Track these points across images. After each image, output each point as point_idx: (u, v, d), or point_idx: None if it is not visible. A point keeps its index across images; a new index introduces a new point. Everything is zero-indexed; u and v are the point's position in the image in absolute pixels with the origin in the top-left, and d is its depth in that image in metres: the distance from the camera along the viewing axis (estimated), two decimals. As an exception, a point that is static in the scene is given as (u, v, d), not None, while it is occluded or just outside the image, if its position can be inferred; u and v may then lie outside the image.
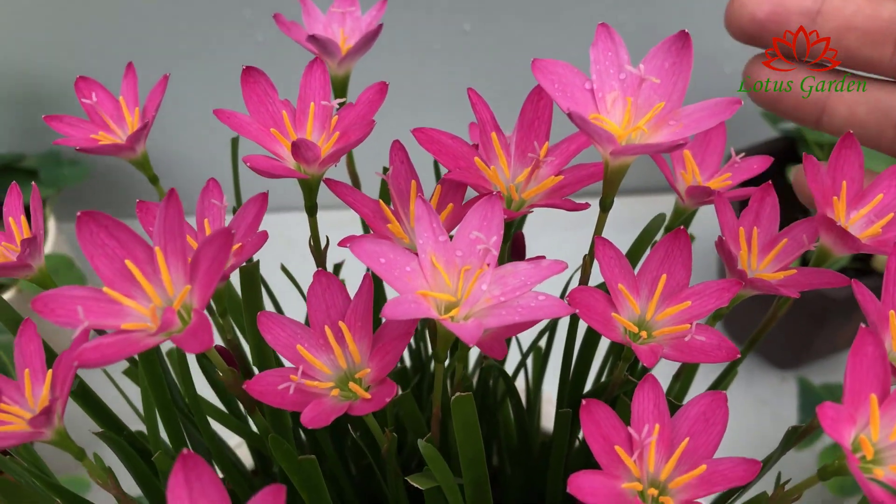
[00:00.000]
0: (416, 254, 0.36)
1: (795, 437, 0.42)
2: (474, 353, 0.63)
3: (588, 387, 0.52)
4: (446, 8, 1.04)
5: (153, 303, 0.35)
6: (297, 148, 0.37)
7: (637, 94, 0.36)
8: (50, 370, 0.40)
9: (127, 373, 0.55)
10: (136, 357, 0.45)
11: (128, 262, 0.34)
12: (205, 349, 0.31)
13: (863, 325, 0.31)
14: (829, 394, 0.99)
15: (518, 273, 0.35)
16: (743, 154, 0.45)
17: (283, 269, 0.54)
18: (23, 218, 0.46)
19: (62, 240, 1.07)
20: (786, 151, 1.06)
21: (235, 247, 0.40)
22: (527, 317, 0.34)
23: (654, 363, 0.35)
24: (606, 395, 0.45)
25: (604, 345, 0.52)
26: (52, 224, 1.05)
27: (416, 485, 0.39)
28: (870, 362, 0.31)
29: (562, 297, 0.51)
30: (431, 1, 1.02)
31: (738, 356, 0.35)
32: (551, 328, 0.56)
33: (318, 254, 0.45)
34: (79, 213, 0.34)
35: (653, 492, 0.34)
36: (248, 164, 0.37)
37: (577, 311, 0.35)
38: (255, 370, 0.48)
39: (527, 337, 0.58)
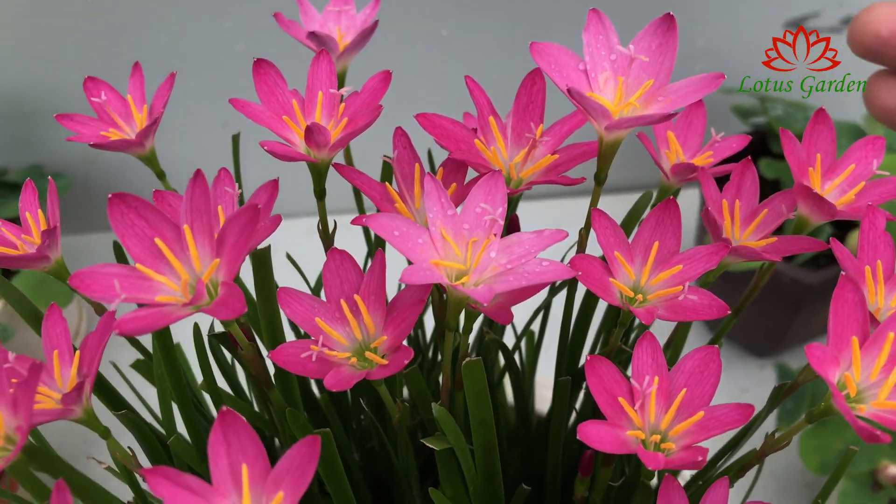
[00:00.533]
0: (427, 228, 0.38)
1: (781, 395, 0.44)
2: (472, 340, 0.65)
3: (583, 360, 0.54)
4: (427, 14, 1.07)
5: (182, 278, 0.37)
6: (310, 132, 0.40)
7: (627, 74, 0.39)
8: (77, 351, 0.42)
9: (134, 366, 0.57)
10: (154, 339, 0.46)
11: (157, 241, 0.36)
12: (237, 315, 0.33)
13: (843, 273, 0.34)
14: (809, 389, 1.03)
15: (522, 242, 0.38)
16: (722, 134, 0.48)
17: (289, 256, 0.56)
18: (39, 212, 0.48)
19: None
20: (757, 145, 1.09)
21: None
22: (533, 281, 0.37)
23: (650, 321, 0.38)
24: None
25: (596, 322, 0.54)
26: None
27: (430, 446, 0.42)
28: (850, 308, 0.34)
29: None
30: (412, 6, 1.05)
31: (729, 312, 0.38)
32: (545, 309, 0.59)
33: (326, 236, 0.47)
34: (110, 196, 0.36)
35: (655, 438, 0.37)
36: (266, 148, 0.40)
37: (578, 274, 0.38)
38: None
39: (520, 320, 0.61)
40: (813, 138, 0.44)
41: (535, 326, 0.64)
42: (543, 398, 0.69)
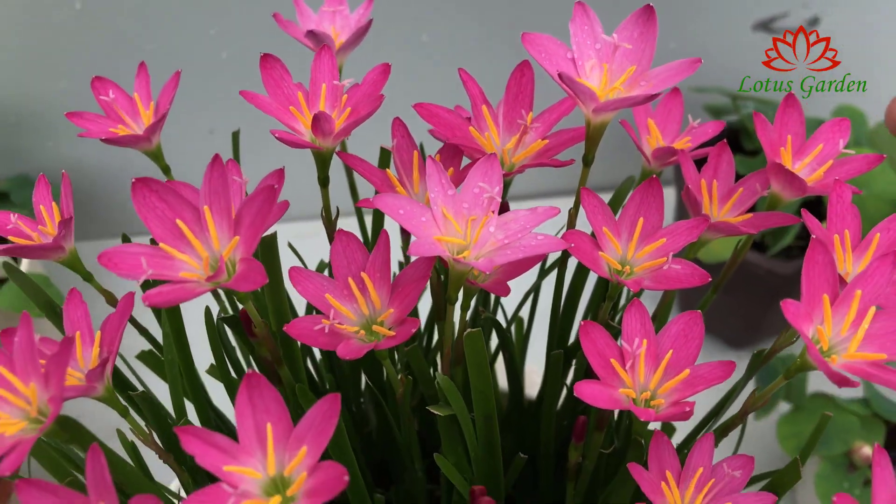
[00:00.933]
0: (428, 208, 0.41)
1: (760, 362, 0.48)
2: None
3: (572, 338, 0.57)
4: (408, 20, 1.10)
5: (202, 256, 0.39)
6: (317, 120, 0.43)
7: (611, 61, 0.42)
8: (98, 332, 0.44)
9: (140, 357, 0.59)
10: (166, 322, 0.49)
11: (178, 222, 0.39)
12: (258, 286, 0.36)
13: (814, 237, 0.37)
14: (782, 364, 1.06)
15: (518, 219, 0.41)
16: (699, 120, 0.52)
17: (291, 246, 0.58)
18: (53, 205, 0.51)
19: (37, 261, 1.10)
20: (729, 142, 1.13)
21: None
22: (529, 252, 0.39)
23: (637, 289, 0.41)
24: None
25: (583, 302, 0.57)
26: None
27: (436, 412, 0.44)
28: (820, 268, 0.37)
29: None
30: (393, 13, 1.08)
31: (710, 280, 0.41)
32: (535, 292, 0.62)
33: (329, 223, 0.50)
34: (133, 180, 0.39)
35: (645, 396, 0.40)
36: (276, 135, 0.42)
37: (571, 245, 0.41)
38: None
39: (510, 304, 0.64)
40: (784, 121, 0.47)
41: (525, 313, 0.67)
42: (533, 384, 0.72)
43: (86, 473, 0.36)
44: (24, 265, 1.05)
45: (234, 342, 0.57)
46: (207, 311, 0.50)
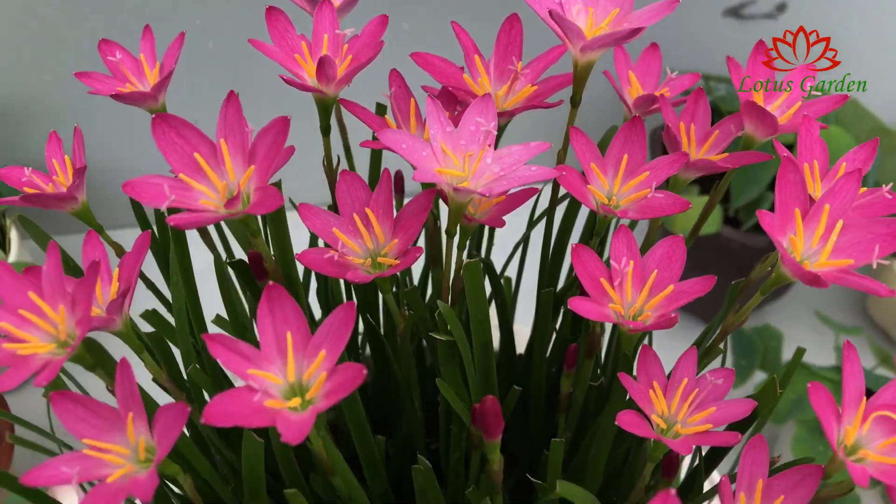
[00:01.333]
0: (428, 144, 0.44)
1: (737, 292, 0.51)
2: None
3: (561, 284, 0.60)
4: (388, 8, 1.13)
5: (219, 188, 0.42)
6: (322, 64, 0.45)
7: (596, 5, 0.45)
8: (116, 270, 0.47)
9: (144, 316, 0.62)
10: (175, 263, 0.51)
11: (196, 156, 0.42)
12: (276, 208, 0.39)
13: (785, 155, 0.41)
14: (758, 335, 1.10)
15: (512, 153, 0.44)
16: (676, 72, 0.55)
17: (291, 201, 0.61)
18: (66, 158, 0.53)
19: (24, 251, 1.11)
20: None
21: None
22: (524, 182, 0.42)
23: (625, 216, 0.44)
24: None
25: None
26: (14, 234, 1.09)
27: (437, 337, 0.47)
28: (792, 186, 0.40)
29: (536, 205, 0.59)
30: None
31: (690, 206, 0.44)
32: (524, 243, 0.65)
33: (331, 171, 0.53)
34: (153, 116, 0.41)
35: (633, 311, 0.43)
36: (284, 78, 0.45)
37: (562, 174, 0.44)
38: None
39: (500, 256, 0.67)
40: (755, 67, 0.51)
41: (512, 273, 0.70)
42: (521, 342, 0.75)
43: (115, 387, 0.39)
44: (13, 255, 1.07)
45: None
46: (217, 259, 0.53)
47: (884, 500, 0.94)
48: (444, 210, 0.48)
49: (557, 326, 0.60)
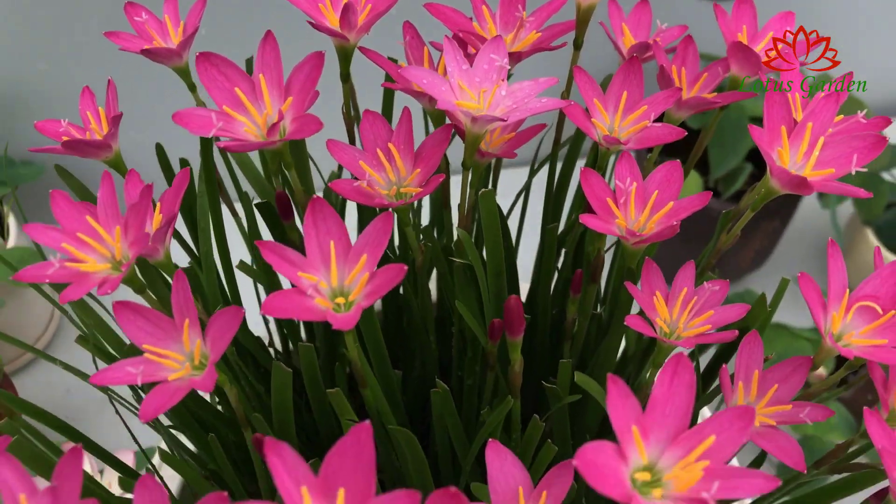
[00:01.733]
0: (447, 80, 0.48)
1: (727, 220, 0.55)
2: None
3: (562, 226, 0.65)
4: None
5: (258, 121, 0.46)
6: (346, 11, 0.49)
7: (596, -48, 0.50)
8: (157, 203, 0.50)
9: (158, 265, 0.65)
10: (198, 207, 0.55)
11: (237, 90, 0.46)
12: (315, 131, 0.43)
13: (769, 78, 0.45)
14: (739, 299, 1.15)
15: (523, 88, 0.48)
16: (666, 24, 0.60)
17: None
18: (100, 109, 0.56)
19: (23, 237, 1.14)
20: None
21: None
22: (536, 111, 0.47)
23: (627, 145, 0.49)
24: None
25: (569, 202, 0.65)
26: (12, 220, 1.12)
27: (456, 260, 0.51)
28: (778, 107, 0.45)
29: (536, 154, 0.64)
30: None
31: (685, 134, 0.48)
32: (526, 191, 0.69)
33: (349, 118, 0.57)
34: (198, 55, 0.45)
35: (637, 226, 0.47)
36: (311, 23, 0.49)
37: (571, 103, 0.48)
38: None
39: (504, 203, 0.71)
40: (739, 14, 0.55)
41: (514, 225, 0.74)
42: (522, 292, 0.79)
43: (171, 296, 0.42)
44: (11, 240, 1.10)
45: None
46: (245, 196, 0.57)
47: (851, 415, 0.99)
48: (454, 153, 0.52)
49: (559, 266, 0.64)
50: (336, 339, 0.61)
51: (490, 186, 0.68)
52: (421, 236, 0.57)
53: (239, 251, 0.63)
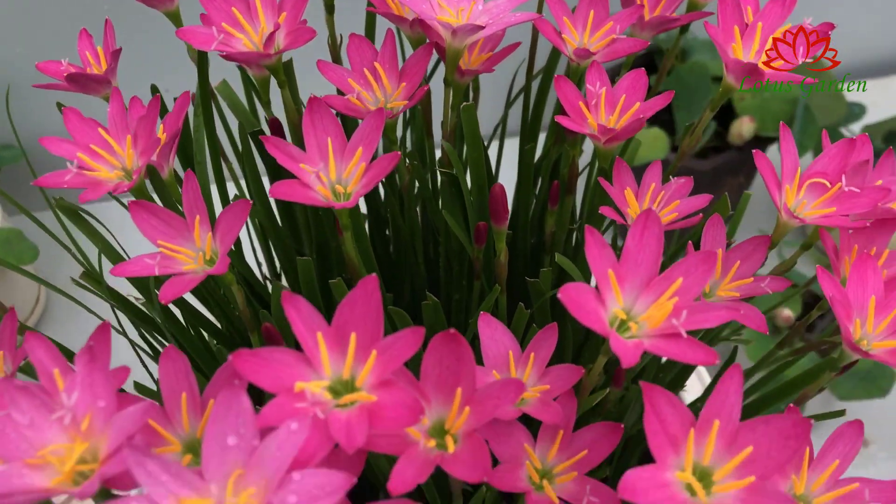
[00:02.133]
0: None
1: (690, 129, 0.60)
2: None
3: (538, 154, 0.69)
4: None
5: (254, 38, 0.49)
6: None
7: None
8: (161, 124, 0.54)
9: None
10: (196, 106, 0.58)
11: (234, 10, 0.49)
12: (309, 39, 0.46)
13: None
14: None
15: (498, 5, 0.52)
16: None
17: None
18: (98, 48, 0.60)
19: (9, 217, 1.16)
20: (644, 63, 1.27)
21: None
22: (510, 24, 0.51)
23: (596, 56, 0.53)
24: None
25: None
26: (-2, 208, 1.14)
27: (442, 170, 0.55)
28: (731, 7, 0.49)
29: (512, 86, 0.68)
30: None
31: (648, 45, 0.52)
32: (503, 123, 0.73)
33: (335, 49, 0.60)
34: (197, -25, 0.49)
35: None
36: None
37: (540, 16, 0.52)
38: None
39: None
40: None
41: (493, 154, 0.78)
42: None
43: (182, 195, 0.46)
44: (-1, 220, 1.12)
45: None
46: (241, 126, 0.60)
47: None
48: (437, 80, 0.55)
49: (537, 192, 0.68)
50: (328, 256, 0.65)
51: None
52: (406, 160, 0.60)
53: (232, 190, 0.66)
